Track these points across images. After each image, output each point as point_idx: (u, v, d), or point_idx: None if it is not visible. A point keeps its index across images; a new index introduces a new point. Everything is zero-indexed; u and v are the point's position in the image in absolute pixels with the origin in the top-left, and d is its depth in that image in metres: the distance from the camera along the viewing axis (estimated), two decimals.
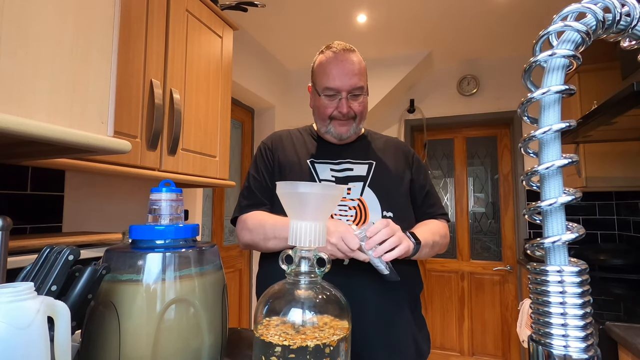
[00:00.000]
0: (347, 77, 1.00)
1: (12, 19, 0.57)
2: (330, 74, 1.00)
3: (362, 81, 1.03)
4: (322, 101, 1.03)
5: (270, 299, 0.59)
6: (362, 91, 1.03)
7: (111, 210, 1.48)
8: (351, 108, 1.01)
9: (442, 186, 3.43)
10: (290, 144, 1.10)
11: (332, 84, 1.00)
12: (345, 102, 1.00)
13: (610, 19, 0.34)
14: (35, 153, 0.85)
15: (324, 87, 1.01)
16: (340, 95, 1.00)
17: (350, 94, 1.01)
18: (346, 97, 1.00)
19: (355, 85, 1.00)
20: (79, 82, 0.68)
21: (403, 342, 0.95)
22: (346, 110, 1.00)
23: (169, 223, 0.63)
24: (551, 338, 0.34)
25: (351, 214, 0.99)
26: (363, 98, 1.04)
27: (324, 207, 0.62)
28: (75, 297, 0.51)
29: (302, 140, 1.12)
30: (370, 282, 0.91)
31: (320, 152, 1.07)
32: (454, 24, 2.55)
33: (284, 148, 1.09)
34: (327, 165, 1.04)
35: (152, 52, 1.21)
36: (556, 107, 0.35)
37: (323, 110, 1.03)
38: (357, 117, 1.04)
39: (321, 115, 1.05)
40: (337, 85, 1.00)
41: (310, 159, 1.05)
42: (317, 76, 1.05)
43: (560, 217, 0.35)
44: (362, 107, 1.05)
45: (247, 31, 2.58)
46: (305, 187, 0.63)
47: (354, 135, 1.07)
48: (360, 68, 1.03)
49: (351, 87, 1.00)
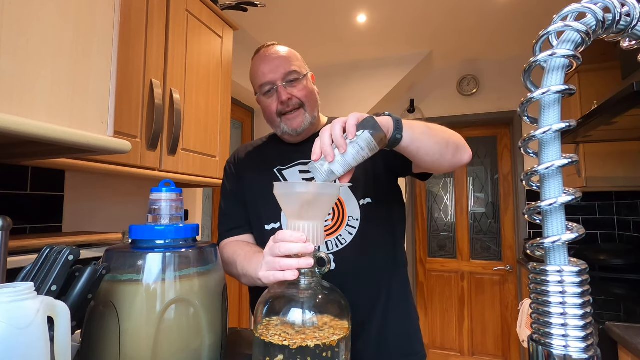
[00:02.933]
0: (275, 67, 0.95)
1: (13, 19, 0.57)
2: (259, 71, 0.97)
3: (295, 66, 0.97)
4: (264, 101, 0.99)
5: (271, 299, 0.59)
6: (298, 75, 0.97)
7: (111, 210, 1.48)
8: (292, 95, 0.96)
9: (442, 186, 3.43)
10: (254, 156, 1.06)
11: (263, 79, 0.96)
12: (283, 90, 0.95)
13: (610, 19, 0.34)
14: (35, 153, 0.85)
15: (259, 85, 0.98)
16: (275, 85, 0.96)
17: (285, 82, 0.96)
18: (282, 84, 0.95)
19: (287, 70, 0.95)
20: (79, 82, 0.68)
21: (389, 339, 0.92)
22: (285, 96, 0.95)
23: (169, 223, 0.63)
24: (551, 338, 0.34)
25: (328, 212, 0.96)
26: (303, 82, 0.98)
27: (321, 207, 0.62)
28: (75, 297, 0.51)
29: (265, 149, 1.07)
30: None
31: (284, 157, 1.01)
32: (454, 24, 2.55)
33: (248, 162, 1.05)
34: (295, 169, 0.99)
35: (152, 52, 1.21)
36: (556, 107, 0.35)
37: (268, 109, 0.98)
38: (304, 104, 0.97)
39: (269, 117, 0.99)
40: (268, 78, 0.96)
41: (277, 168, 1.00)
42: (253, 82, 1.02)
43: (560, 217, 0.35)
44: (306, 92, 0.97)
45: (247, 31, 2.58)
46: (301, 187, 0.63)
47: (310, 127, 0.99)
48: (288, 55, 0.98)
49: (283, 74, 0.95)
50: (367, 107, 3.05)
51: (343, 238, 0.91)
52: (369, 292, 0.92)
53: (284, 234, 0.61)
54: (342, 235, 0.91)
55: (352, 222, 0.92)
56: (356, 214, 0.93)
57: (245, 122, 2.96)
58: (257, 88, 1.00)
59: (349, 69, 3.11)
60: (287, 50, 1.00)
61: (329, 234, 0.92)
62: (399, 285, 0.98)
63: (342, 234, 0.92)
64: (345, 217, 0.93)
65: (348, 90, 3.12)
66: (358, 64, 3.10)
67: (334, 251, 0.90)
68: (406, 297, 0.99)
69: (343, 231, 0.92)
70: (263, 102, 1.00)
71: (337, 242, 0.91)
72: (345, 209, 0.93)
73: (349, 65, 3.11)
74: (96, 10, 0.71)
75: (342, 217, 0.93)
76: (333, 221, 0.93)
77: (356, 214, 0.93)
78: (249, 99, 2.82)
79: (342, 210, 0.94)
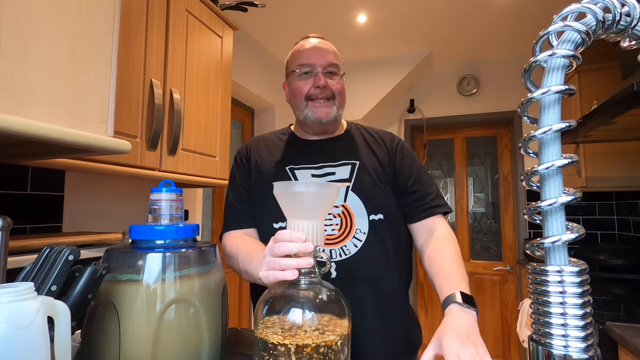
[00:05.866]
0: (321, 54, 0.97)
1: (13, 19, 0.57)
2: (304, 53, 0.98)
3: (337, 61, 1.00)
4: (297, 82, 0.98)
5: (271, 299, 0.59)
6: (338, 70, 0.99)
7: (111, 210, 1.48)
8: (328, 85, 0.96)
9: (442, 186, 3.43)
10: (267, 151, 1.03)
11: (306, 60, 0.97)
12: (322, 76, 0.96)
13: (610, 19, 0.34)
14: (35, 153, 0.85)
15: (299, 64, 0.98)
16: (315, 70, 0.97)
17: (326, 71, 0.97)
18: (322, 72, 0.96)
19: (331, 62, 0.97)
20: (79, 82, 0.68)
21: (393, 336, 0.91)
22: (323, 82, 0.95)
23: (169, 223, 0.63)
24: (551, 338, 0.34)
25: (336, 222, 0.92)
26: (340, 79, 1.00)
27: (320, 206, 0.62)
28: (75, 297, 0.51)
29: (279, 144, 1.05)
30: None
31: (298, 156, 1.00)
32: (454, 24, 2.55)
33: (260, 156, 1.03)
34: (308, 171, 0.97)
35: (152, 52, 1.21)
36: (556, 107, 0.35)
37: (299, 90, 0.97)
38: (335, 97, 0.98)
39: (297, 98, 0.98)
40: (312, 61, 0.97)
41: (289, 166, 0.98)
42: (291, 61, 1.01)
43: (560, 217, 0.35)
44: (340, 88, 0.99)
45: (247, 31, 2.58)
46: (300, 186, 0.63)
47: (333, 123, 1.00)
48: (335, 50, 1.01)
49: (327, 63, 0.97)
50: (367, 107, 3.05)
51: (347, 249, 0.90)
52: (367, 304, 0.90)
53: (284, 233, 0.61)
54: (347, 246, 0.90)
55: (359, 235, 0.91)
56: (364, 227, 0.92)
57: (245, 122, 2.96)
58: (294, 66, 0.99)
59: (349, 69, 3.10)
60: (333, 47, 1.01)
61: (334, 242, 0.91)
62: (395, 302, 0.94)
63: (347, 244, 0.91)
64: (353, 229, 0.92)
65: (348, 90, 3.09)
66: (358, 64, 3.10)
67: (337, 260, 0.90)
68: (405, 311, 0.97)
69: (349, 242, 0.91)
70: (295, 82, 0.99)
71: (342, 252, 0.90)
72: (354, 221, 0.92)
73: (349, 65, 3.11)
74: (96, 10, 0.71)
75: (349, 228, 0.92)
76: (340, 231, 0.92)
77: (364, 227, 0.92)
78: (249, 99, 2.82)
79: (350, 222, 0.93)
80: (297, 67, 0.98)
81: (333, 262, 0.89)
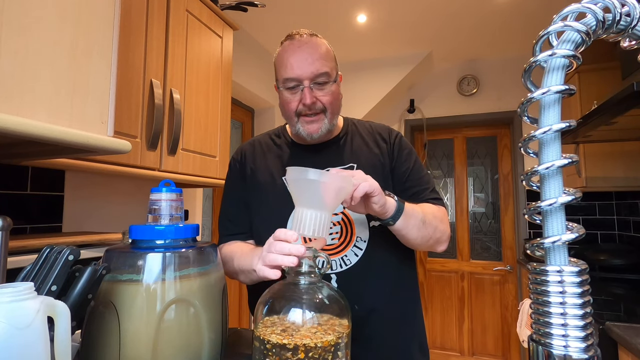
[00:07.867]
0: (306, 63, 0.86)
1: (13, 19, 0.57)
2: (288, 63, 0.88)
3: (327, 66, 0.88)
4: (285, 96, 0.90)
5: (271, 299, 0.59)
6: (328, 78, 0.89)
7: (111, 210, 1.48)
8: (317, 99, 0.88)
9: (442, 186, 3.43)
10: (262, 159, 0.99)
11: (291, 74, 0.87)
12: (309, 92, 0.87)
13: (610, 19, 0.34)
14: (35, 153, 0.85)
15: (284, 78, 0.89)
16: (302, 85, 0.88)
17: (313, 83, 0.87)
18: (309, 86, 0.87)
19: (318, 71, 0.87)
20: (79, 82, 0.68)
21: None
22: (310, 100, 0.87)
23: (169, 223, 0.63)
24: (551, 338, 0.34)
25: (336, 231, 0.89)
26: (331, 87, 0.90)
27: (331, 198, 0.62)
28: (75, 297, 0.51)
29: (275, 150, 1.00)
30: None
31: (295, 164, 0.91)
32: (454, 24, 2.55)
33: (255, 164, 0.98)
34: None
35: (152, 52, 1.21)
36: (556, 107, 0.35)
37: (287, 106, 0.91)
38: (326, 109, 0.90)
39: (287, 113, 0.93)
40: (297, 74, 0.87)
41: (284, 176, 0.94)
42: (277, 69, 0.93)
43: (560, 217, 0.35)
44: (332, 98, 0.90)
45: (247, 31, 2.58)
46: (314, 174, 0.63)
47: (327, 133, 0.93)
48: (324, 52, 0.89)
49: (313, 74, 0.87)
50: (367, 107, 3.05)
51: (348, 259, 0.88)
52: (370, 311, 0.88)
53: (279, 231, 0.65)
54: (348, 256, 0.88)
55: (359, 244, 0.89)
56: (365, 235, 0.89)
57: (245, 122, 2.96)
58: (280, 79, 0.91)
59: (349, 69, 3.10)
60: (323, 47, 0.90)
61: (335, 252, 0.89)
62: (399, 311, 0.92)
63: (348, 254, 0.88)
64: (353, 238, 0.89)
65: (348, 90, 3.11)
66: (358, 64, 3.11)
67: (338, 271, 0.87)
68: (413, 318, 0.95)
69: (349, 252, 0.88)
70: (284, 96, 0.92)
71: (342, 263, 0.88)
72: (354, 229, 0.90)
73: (349, 65, 3.11)
74: (96, 10, 0.71)
75: (350, 236, 0.89)
76: (340, 240, 0.89)
77: (365, 235, 0.89)
78: (249, 99, 2.82)
79: (350, 230, 0.90)
80: (282, 82, 0.90)
81: (334, 273, 0.87)
